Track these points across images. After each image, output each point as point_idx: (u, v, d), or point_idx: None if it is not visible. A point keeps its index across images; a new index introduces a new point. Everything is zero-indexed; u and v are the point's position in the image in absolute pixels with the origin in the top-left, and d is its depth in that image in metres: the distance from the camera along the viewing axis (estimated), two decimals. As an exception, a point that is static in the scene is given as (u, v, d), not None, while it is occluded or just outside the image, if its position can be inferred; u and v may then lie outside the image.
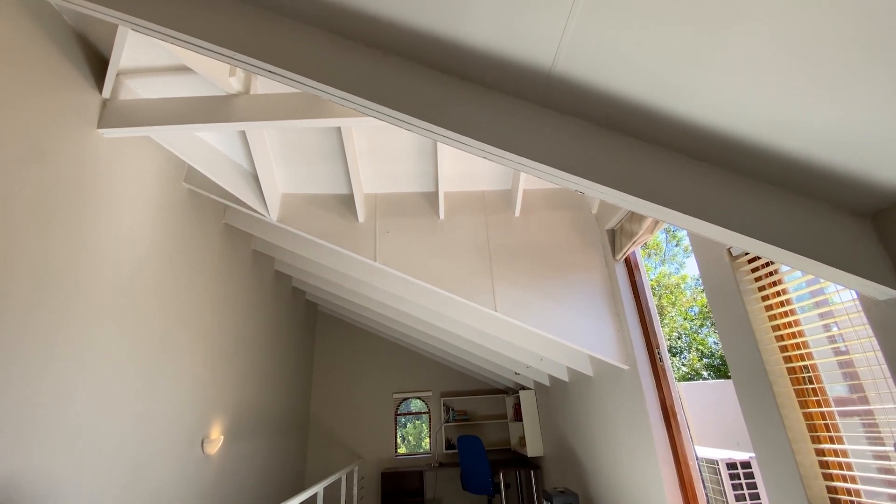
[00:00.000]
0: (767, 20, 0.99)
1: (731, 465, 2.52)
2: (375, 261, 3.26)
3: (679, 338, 11.24)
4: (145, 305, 2.89)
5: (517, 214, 3.43)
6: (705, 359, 10.75)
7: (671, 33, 1.09)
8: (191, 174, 3.39)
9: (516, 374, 5.66)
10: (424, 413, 7.12)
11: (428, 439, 6.98)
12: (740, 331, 2.01)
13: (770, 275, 1.92)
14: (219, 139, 3.10)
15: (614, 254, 3.26)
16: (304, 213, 3.42)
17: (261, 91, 2.58)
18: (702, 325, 11.15)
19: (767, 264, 1.92)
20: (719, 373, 10.27)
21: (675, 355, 11.07)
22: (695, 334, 11.15)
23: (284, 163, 3.22)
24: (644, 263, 3.29)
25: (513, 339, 3.92)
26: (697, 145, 1.35)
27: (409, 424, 7.35)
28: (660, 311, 11.32)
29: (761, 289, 1.96)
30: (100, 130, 2.50)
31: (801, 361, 1.82)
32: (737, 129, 1.26)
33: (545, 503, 3.63)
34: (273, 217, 3.35)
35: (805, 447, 1.76)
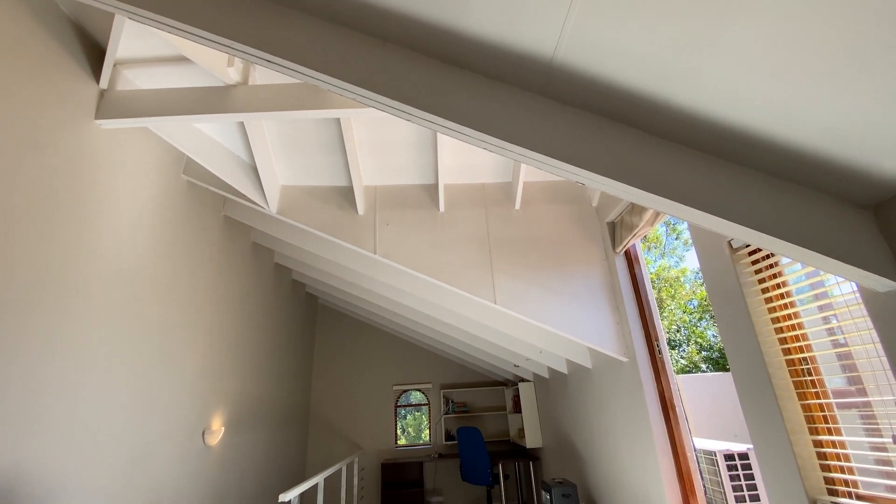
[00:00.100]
0: (772, 9, 0.98)
1: (729, 457, 2.54)
2: (375, 253, 3.26)
3: (678, 331, 11.28)
4: (145, 298, 2.89)
5: (517, 207, 3.42)
6: (704, 352, 10.80)
7: (673, 22, 1.08)
8: (190, 166, 3.38)
9: (516, 366, 5.68)
10: (424, 405, 7.16)
11: (428, 431, 7.03)
12: (740, 323, 2.01)
13: (770, 267, 1.92)
14: (217, 130, 3.08)
15: (614, 246, 3.25)
16: (304, 205, 3.41)
17: (259, 82, 2.56)
18: (701, 319, 11.18)
19: (768, 256, 1.91)
20: (718, 366, 10.31)
21: (674, 348, 11.12)
22: (694, 327, 11.19)
23: (284, 154, 3.21)
24: (644, 256, 3.29)
25: (512, 331, 3.93)
26: (699, 136, 1.34)
27: (408, 416, 7.40)
28: (659, 304, 11.34)
29: (761, 281, 1.96)
30: (97, 121, 2.48)
31: (800, 354, 1.83)
32: (739, 120, 1.25)
33: (544, 494, 3.66)
34: (272, 209, 3.34)
35: (803, 439, 1.77)
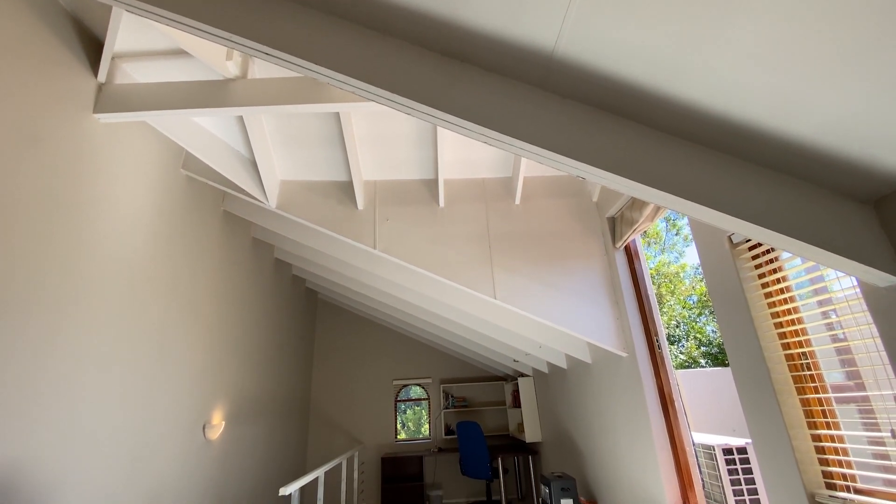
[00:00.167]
0: (774, 2, 0.97)
1: (728, 451, 2.55)
2: (375, 248, 3.25)
3: (677, 326, 11.30)
4: (145, 292, 2.89)
5: (517, 202, 3.42)
6: (703, 347, 10.82)
7: (674, 15, 1.07)
8: (189, 160, 3.36)
9: (515, 361, 5.70)
10: (424, 399, 7.18)
11: (427, 425, 7.05)
12: (739, 318, 2.02)
13: (770, 262, 1.92)
14: (216, 125, 3.07)
15: (614, 242, 3.25)
16: (304, 200, 3.40)
17: (259, 75, 2.55)
18: (700, 314, 11.20)
19: (768, 251, 1.91)
20: (717, 361, 10.35)
21: (674, 343, 11.15)
22: (693, 323, 11.21)
23: (283, 149, 3.19)
24: (644, 252, 3.29)
25: (512, 326, 3.93)
26: (700, 130, 1.33)
27: (408, 411, 7.42)
28: (659, 300, 11.36)
29: (761, 276, 1.96)
30: (96, 115, 2.47)
31: (799, 349, 1.83)
32: (740, 114, 1.24)
33: (543, 488, 3.68)
34: (272, 204, 3.33)
35: (802, 433, 1.78)
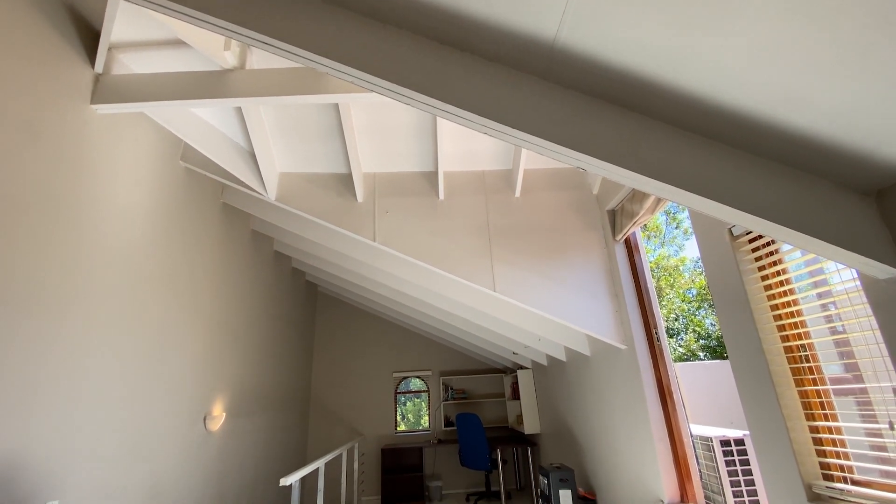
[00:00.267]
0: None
1: (725, 443, 2.56)
2: (375, 241, 3.25)
3: (676, 319, 11.33)
4: (144, 284, 2.89)
5: (517, 195, 3.41)
6: (702, 340, 10.86)
7: (677, 4, 1.05)
8: (187, 152, 3.34)
9: (514, 353, 5.72)
10: (424, 392, 7.22)
11: (427, 417, 7.09)
12: (739, 310, 2.02)
13: (770, 254, 1.91)
14: (215, 116, 3.05)
15: (614, 234, 3.25)
16: (303, 192, 3.38)
17: (257, 66, 2.53)
18: (699, 307, 11.23)
19: (768, 244, 1.91)
20: (715, 354, 10.39)
21: (673, 336, 11.18)
22: (692, 316, 11.24)
23: (282, 141, 3.18)
24: (644, 245, 3.28)
25: (511, 319, 3.94)
26: (702, 120, 1.32)
27: (408, 403, 7.46)
28: (658, 293, 11.38)
29: (761, 268, 1.96)
30: (93, 106, 2.45)
31: (798, 341, 1.83)
32: (743, 105, 1.23)
33: (541, 479, 3.71)
34: (271, 196, 3.32)
35: (799, 425, 1.79)
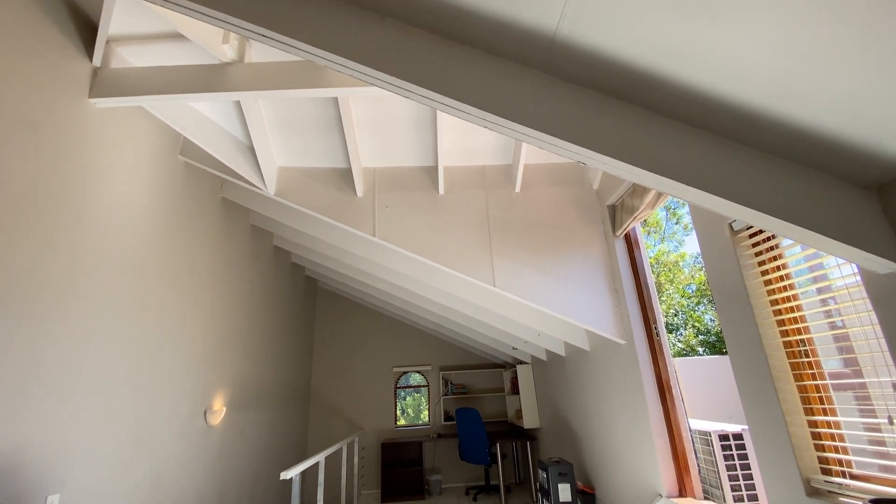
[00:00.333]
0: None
1: (724, 437, 2.57)
2: (374, 236, 3.24)
3: (676, 315, 11.35)
4: (144, 278, 2.88)
5: (517, 190, 3.40)
6: (701, 335, 10.88)
7: (681, -5, 1.05)
8: (186, 146, 3.33)
9: (514, 348, 5.73)
10: (423, 386, 7.24)
11: (427, 411, 7.12)
12: (738, 305, 2.02)
13: (770, 249, 1.91)
14: (214, 110, 3.03)
15: (614, 230, 3.24)
16: (302, 187, 3.37)
17: (256, 59, 2.51)
18: (699, 303, 11.24)
19: (768, 239, 1.91)
20: (714, 349, 10.41)
21: (672, 332, 11.20)
22: (691, 311, 11.25)
23: (281, 135, 3.16)
24: (644, 240, 3.28)
25: (511, 314, 3.94)
26: (703, 114, 1.32)
27: (408, 397, 7.48)
28: (658, 289, 11.38)
29: (761, 263, 1.96)
30: (91, 100, 2.44)
31: (797, 335, 1.83)
32: (745, 98, 1.23)
33: (540, 473, 3.72)
34: (270, 191, 3.31)
35: (798, 419, 1.79)
